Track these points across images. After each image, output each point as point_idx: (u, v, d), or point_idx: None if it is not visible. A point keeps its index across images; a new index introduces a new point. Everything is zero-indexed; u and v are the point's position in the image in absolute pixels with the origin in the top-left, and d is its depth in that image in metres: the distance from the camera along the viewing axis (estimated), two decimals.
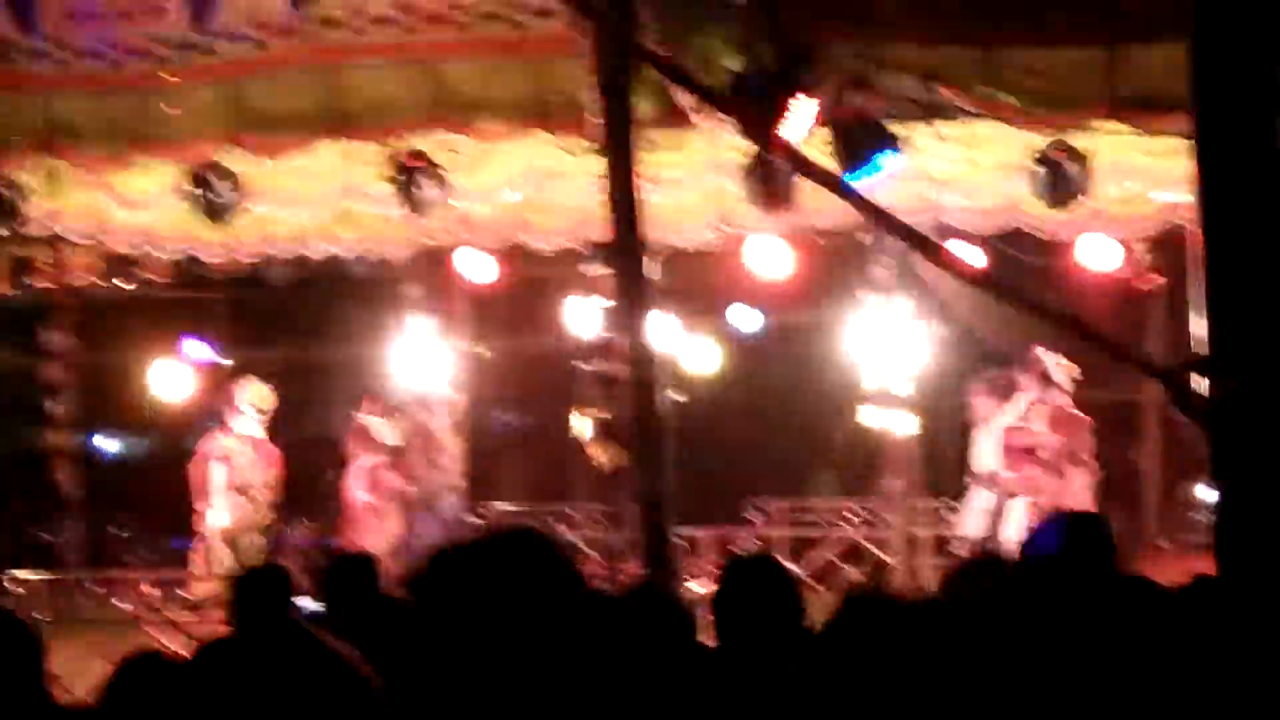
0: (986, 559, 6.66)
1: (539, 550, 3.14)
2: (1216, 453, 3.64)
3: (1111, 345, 6.69)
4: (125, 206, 13.50)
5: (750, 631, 5.64)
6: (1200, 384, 3.74)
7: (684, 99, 10.32)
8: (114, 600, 16.94)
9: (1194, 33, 3.86)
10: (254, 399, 15.97)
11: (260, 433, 15.97)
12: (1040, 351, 14.80)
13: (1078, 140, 11.84)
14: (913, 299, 16.26)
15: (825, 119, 10.30)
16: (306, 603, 7.56)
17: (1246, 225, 3.63)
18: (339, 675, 2.40)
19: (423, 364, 17.30)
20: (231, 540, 15.33)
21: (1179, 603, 5.48)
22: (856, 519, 18.32)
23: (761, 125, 9.74)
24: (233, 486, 15.63)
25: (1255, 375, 3.42)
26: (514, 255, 16.06)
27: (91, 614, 15.66)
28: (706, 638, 6.10)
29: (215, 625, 10.45)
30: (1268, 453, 3.42)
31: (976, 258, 16.00)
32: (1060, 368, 14.84)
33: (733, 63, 10.08)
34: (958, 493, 17.23)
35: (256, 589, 7.01)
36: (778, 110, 9.60)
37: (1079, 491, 14.54)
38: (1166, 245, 15.26)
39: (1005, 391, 14.77)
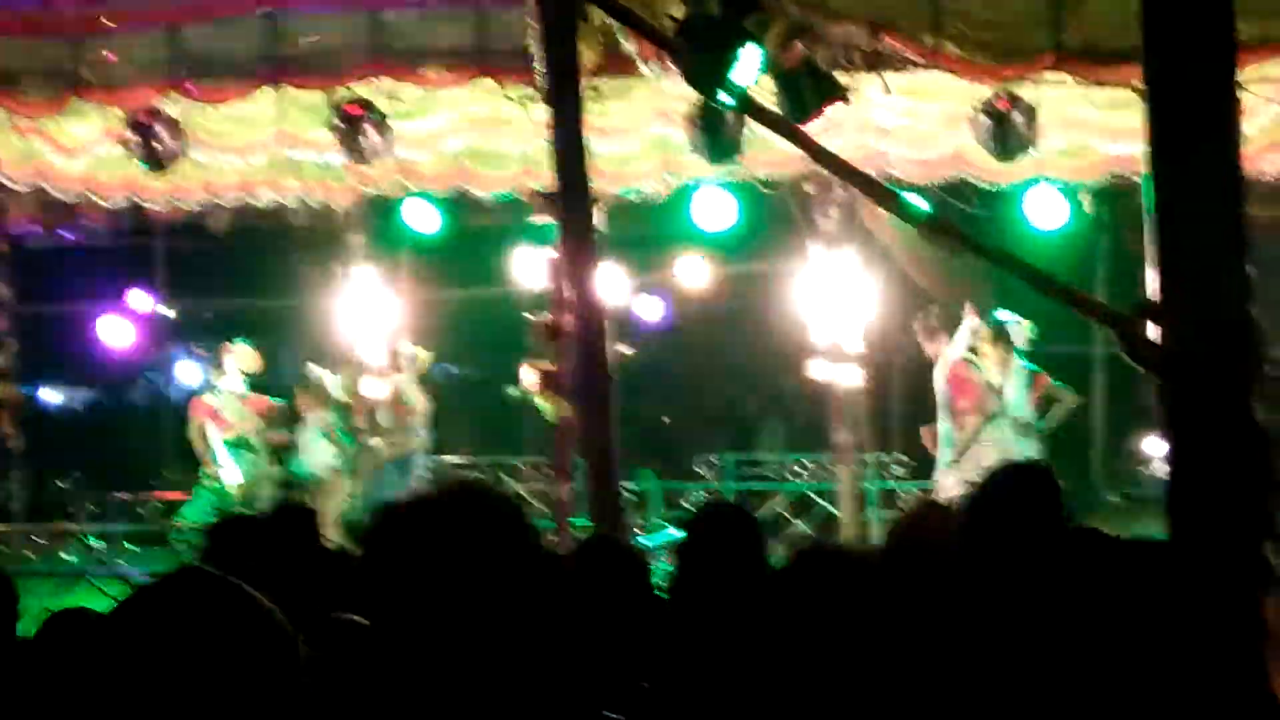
0: (933, 509, 6.61)
1: (490, 505, 3.08)
2: (1167, 401, 3.61)
3: (1066, 293, 6.64)
4: (63, 154, 13.35)
5: (715, 578, 5.60)
6: (1151, 333, 3.68)
7: (629, 47, 10.22)
8: (60, 553, 16.88)
9: None
10: (242, 363, 15.87)
11: (243, 389, 15.89)
12: (1001, 312, 14.81)
13: (1024, 91, 11.79)
14: (858, 250, 16.24)
15: (771, 68, 10.19)
16: None
17: (1196, 174, 3.57)
18: (258, 628, 2.34)
19: (370, 316, 17.18)
20: (248, 495, 15.23)
21: (1130, 553, 5.46)
22: (805, 472, 18.30)
23: (708, 73, 9.63)
24: (230, 440, 15.57)
25: (1203, 322, 3.38)
26: (459, 205, 15.95)
27: (36, 567, 15.54)
28: (658, 587, 6.08)
29: None
30: (1216, 398, 3.38)
31: (920, 208, 16.02)
32: (1017, 327, 14.84)
33: (677, 9, 9.97)
34: (905, 447, 17.27)
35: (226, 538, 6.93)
36: (724, 57, 9.49)
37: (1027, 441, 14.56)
38: (1111, 197, 15.26)
39: (946, 326, 14.73)
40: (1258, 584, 3.60)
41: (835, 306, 16.06)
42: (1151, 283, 3.68)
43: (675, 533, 13.66)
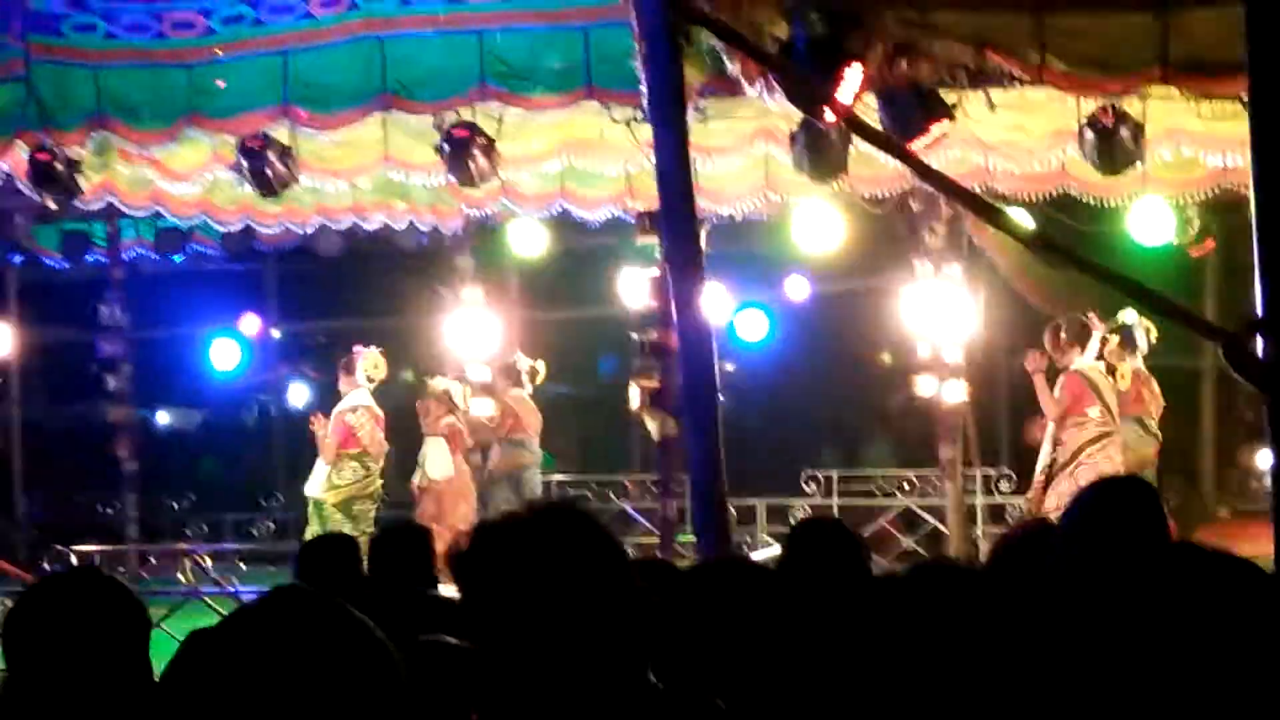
0: (1036, 526, 6.60)
1: (582, 525, 3.13)
2: (1275, 415, 3.62)
3: (1172, 308, 6.63)
4: (176, 180, 13.57)
5: (815, 592, 5.63)
6: (1258, 347, 3.69)
7: (733, 67, 10.26)
8: (174, 574, 17.10)
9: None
10: (370, 369, 15.96)
11: (372, 401, 15.93)
12: (1127, 313, 14.72)
13: (1130, 105, 11.74)
14: (964, 266, 16.23)
15: (875, 86, 10.22)
16: None
17: None
18: (363, 648, 2.36)
19: (477, 336, 17.30)
20: (346, 505, 15.32)
21: (1230, 570, 5.44)
22: (911, 488, 18.27)
23: (812, 92, 9.68)
24: (354, 453, 15.64)
25: None
26: (563, 226, 16.08)
27: (150, 586, 15.73)
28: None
29: None
30: None
31: (1026, 224, 16.00)
32: (1142, 329, 14.79)
33: (781, 29, 10.02)
34: (1012, 462, 17.22)
35: (326, 556, 7.04)
36: (830, 77, 9.53)
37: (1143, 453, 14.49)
38: (1219, 210, 15.18)
39: (1078, 337, 14.52)
40: None
41: (940, 322, 16.05)
42: (1259, 297, 3.69)
43: (778, 549, 13.72)
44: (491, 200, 15.02)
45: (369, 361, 15.86)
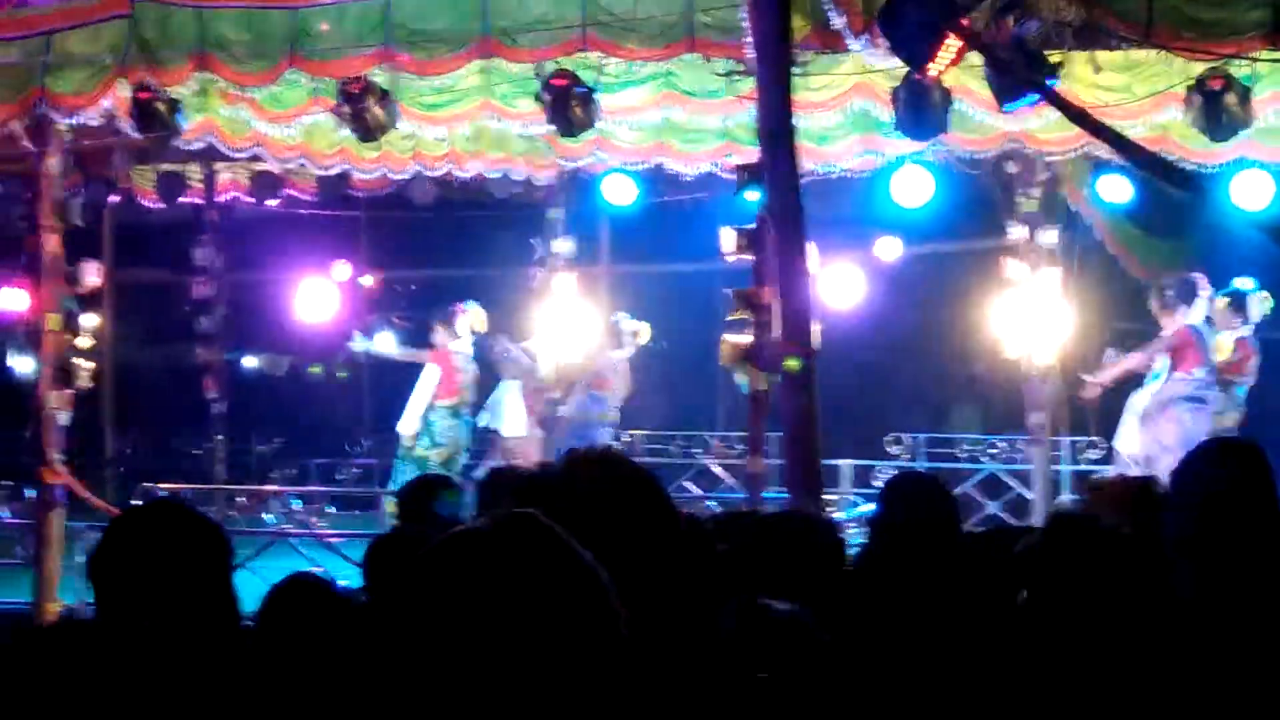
0: (1136, 484, 6.53)
1: (625, 473, 3.11)
2: None
3: None
4: (275, 122, 13.60)
5: (910, 548, 5.60)
6: None
7: (838, 19, 10.20)
8: (261, 515, 17.24)
9: None
10: (475, 323, 16.08)
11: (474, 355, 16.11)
12: (1242, 280, 14.64)
13: (1238, 70, 11.59)
14: (1059, 231, 16.09)
15: (980, 44, 10.13)
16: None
17: None
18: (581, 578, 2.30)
19: (569, 292, 17.34)
20: (448, 460, 15.49)
21: None
22: (998, 454, 18.16)
23: (919, 49, 9.61)
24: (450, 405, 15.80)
25: None
26: (657, 179, 16.04)
27: (238, 526, 15.85)
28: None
29: None
30: None
31: (1125, 190, 15.85)
32: (1255, 297, 14.68)
33: None
34: (1099, 429, 17.08)
35: (425, 496, 7.07)
36: (937, 35, 9.46)
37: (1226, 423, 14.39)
38: None
39: (1184, 297, 14.42)
40: None
41: (1033, 287, 15.93)
42: None
43: (866, 508, 13.68)
44: (587, 152, 15.03)
45: (474, 317, 15.98)
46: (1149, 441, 13.98)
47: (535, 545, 2.25)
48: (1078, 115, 8.82)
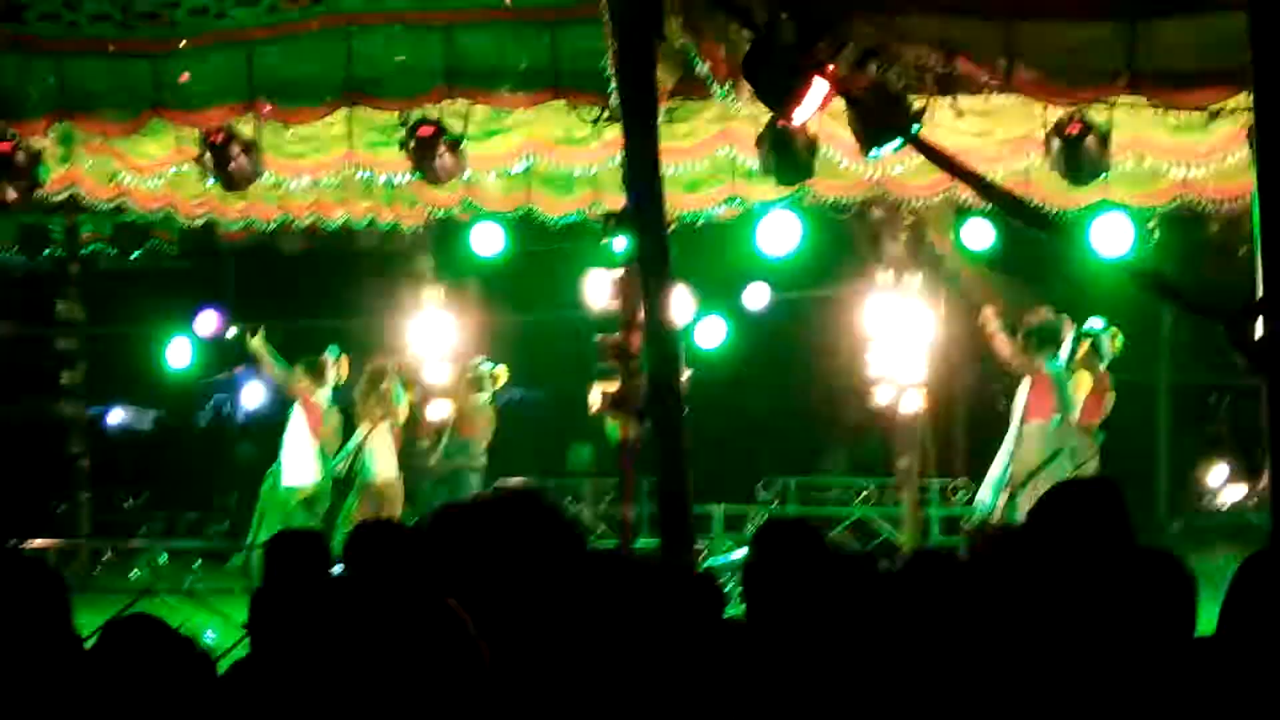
0: (1001, 530, 6.62)
1: (542, 512, 3.11)
2: (1272, 393, 3.68)
3: (1179, 296, 6.73)
4: (138, 173, 13.47)
5: (785, 597, 5.59)
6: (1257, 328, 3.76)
7: (703, 67, 10.25)
8: (128, 571, 17.00)
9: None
10: (338, 371, 16.04)
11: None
12: (1092, 321, 14.81)
13: (1096, 114, 11.76)
14: (925, 275, 16.25)
15: (843, 90, 10.21)
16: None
17: None
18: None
19: (436, 338, 17.30)
20: (312, 500, 15.37)
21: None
22: (867, 497, 18.27)
23: (782, 96, 9.67)
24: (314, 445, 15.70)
25: None
26: (526, 227, 16.03)
27: (103, 584, 15.63)
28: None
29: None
30: None
31: (987, 234, 16.02)
32: (1108, 337, 14.86)
33: (750, 33, 10.01)
34: (969, 472, 17.23)
35: (294, 551, 6.99)
36: (800, 81, 9.52)
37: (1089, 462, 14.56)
38: (1179, 223, 15.17)
39: (1049, 339, 14.63)
40: None
41: (900, 331, 16.07)
42: (1260, 281, 3.74)
43: (738, 554, 13.69)
44: (455, 200, 15.00)
45: (338, 365, 15.94)
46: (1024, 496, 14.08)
47: (405, 595, 2.27)
48: (941, 160, 8.91)
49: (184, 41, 11.83)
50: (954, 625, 4.10)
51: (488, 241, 16.42)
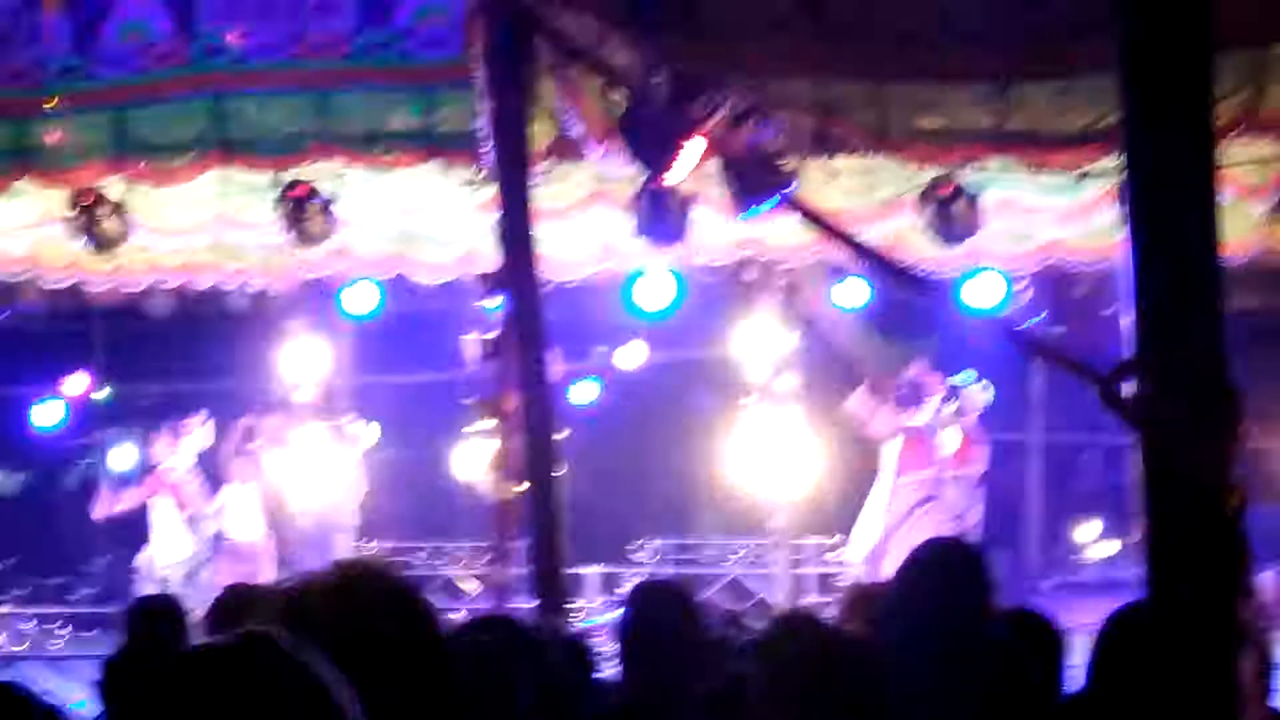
0: (864, 591, 6.69)
1: (385, 586, 3.05)
2: (1146, 452, 3.73)
3: (1055, 356, 6.86)
4: (3, 235, 13.27)
5: (658, 657, 5.59)
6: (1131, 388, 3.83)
7: (577, 129, 10.26)
8: None
9: (1123, 64, 3.90)
10: (199, 441, 15.82)
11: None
12: (959, 377, 14.91)
13: (968, 176, 11.89)
14: (797, 335, 16.33)
15: (718, 152, 10.26)
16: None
17: (1174, 240, 3.69)
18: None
19: (307, 398, 17.17)
20: (188, 575, 15.09)
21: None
22: (741, 557, 18.27)
23: (657, 157, 9.70)
24: (183, 518, 15.46)
25: (1177, 379, 3.55)
26: (399, 288, 15.93)
27: None
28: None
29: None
30: (1193, 454, 3.51)
31: (861, 294, 16.10)
32: (976, 389, 14.95)
33: (625, 94, 10.04)
34: (841, 530, 17.28)
35: (151, 617, 6.91)
36: (674, 142, 9.56)
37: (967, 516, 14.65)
38: (1047, 283, 15.33)
39: (912, 397, 14.77)
40: (1234, 642, 3.68)
41: (773, 392, 16.14)
42: (1132, 341, 3.81)
43: (611, 615, 13.65)
44: (328, 263, 14.86)
45: (197, 436, 15.75)
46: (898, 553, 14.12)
47: (269, 665, 2.20)
48: (815, 220, 8.94)
49: (54, 100, 11.69)
50: (815, 686, 4.10)
51: (361, 302, 16.29)
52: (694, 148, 9.82)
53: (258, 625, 2.32)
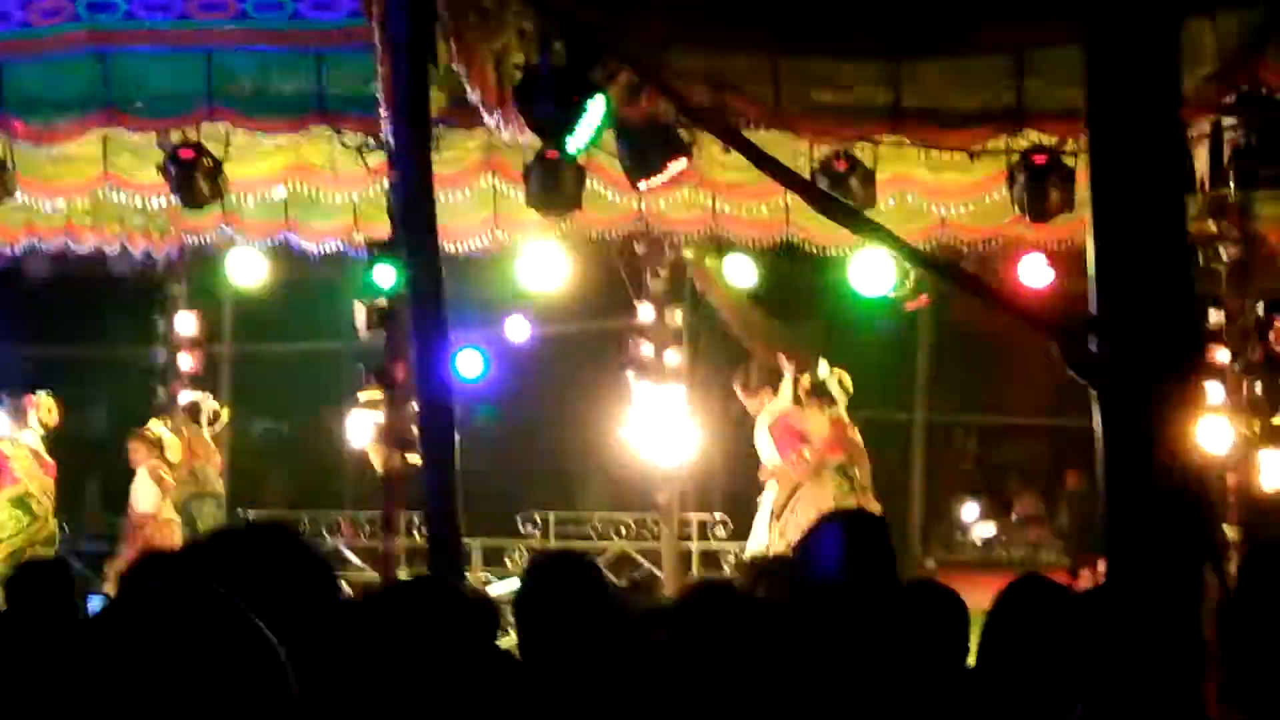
0: (774, 563, 6.63)
1: (291, 544, 3.00)
2: (1105, 410, 3.69)
3: (1013, 306, 6.88)
4: None
5: (559, 630, 5.51)
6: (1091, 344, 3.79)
7: (473, 94, 10.13)
8: None
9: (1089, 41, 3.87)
10: (44, 416, 15.44)
11: (39, 446, 15.40)
12: (822, 362, 14.86)
13: (862, 152, 11.87)
14: (686, 311, 16.31)
15: (615, 121, 10.19)
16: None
17: (1138, 201, 3.66)
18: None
19: (188, 368, 16.96)
20: (14, 554, 14.70)
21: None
22: (628, 531, 18.23)
23: (556, 124, 9.61)
24: (13, 496, 15.08)
25: (1135, 336, 3.50)
26: (286, 255, 15.72)
27: None
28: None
29: None
30: (1154, 411, 3.47)
31: (749, 270, 16.07)
32: (834, 377, 14.89)
33: (523, 59, 9.94)
34: (727, 507, 17.30)
35: (39, 583, 6.73)
36: (573, 109, 9.47)
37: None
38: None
39: (766, 381, 14.77)
40: (1196, 603, 3.65)
41: (661, 366, 16.11)
42: (1093, 298, 3.77)
43: (501, 587, 13.56)
44: (212, 226, 14.63)
45: (42, 408, 15.41)
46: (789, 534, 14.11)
47: (217, 614, 2.12)
48: (762, 159, 8.72)
49: None
50: (738, 656, 4.05)
51: (246, 270, 16.07)
52: (593, 113, 9.73)
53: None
